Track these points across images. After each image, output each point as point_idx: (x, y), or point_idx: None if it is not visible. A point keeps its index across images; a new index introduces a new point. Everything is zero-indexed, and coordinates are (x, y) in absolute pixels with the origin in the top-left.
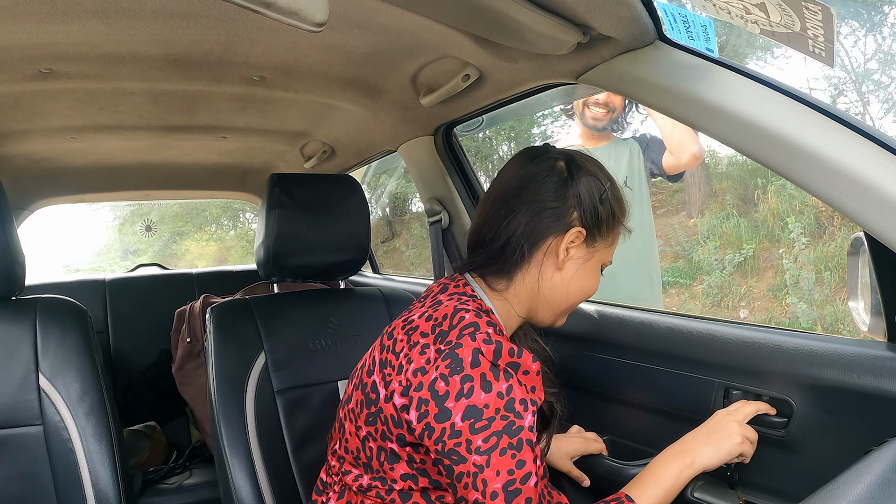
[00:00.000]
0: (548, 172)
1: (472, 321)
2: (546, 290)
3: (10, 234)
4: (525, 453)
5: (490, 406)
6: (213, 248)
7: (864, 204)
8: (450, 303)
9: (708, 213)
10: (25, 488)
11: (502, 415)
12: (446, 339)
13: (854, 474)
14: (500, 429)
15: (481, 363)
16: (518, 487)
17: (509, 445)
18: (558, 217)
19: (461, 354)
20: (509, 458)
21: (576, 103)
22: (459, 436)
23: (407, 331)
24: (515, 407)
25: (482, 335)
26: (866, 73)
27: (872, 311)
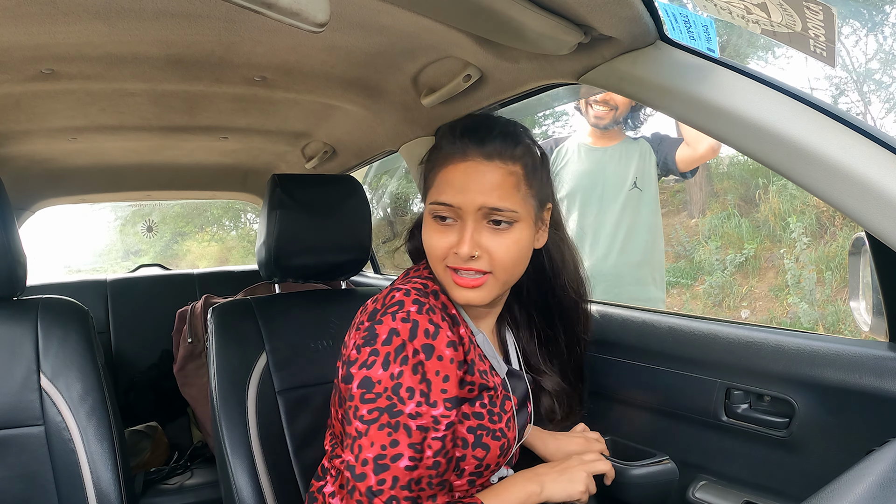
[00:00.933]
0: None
1: (398, 300)
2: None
3: (12, 235)
4: (401, 435)
5: (381, 383)
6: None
7: (866, 204)
8: (395, 283)
9: (709, 213)
10: (27, 488)
11: (388, 395)
12: (376, 316)
13: (855, 474)
14: (383, 406)
15: (392, 342)
16: (387, 463)
17: (388, 423)
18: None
19: (378, 330)
20: (385, 434)
21: (581, 102)
22: (353, 399)
23: (362, 311)
24: (401, 392)
25: (402, 314)
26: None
27: (874, 311)
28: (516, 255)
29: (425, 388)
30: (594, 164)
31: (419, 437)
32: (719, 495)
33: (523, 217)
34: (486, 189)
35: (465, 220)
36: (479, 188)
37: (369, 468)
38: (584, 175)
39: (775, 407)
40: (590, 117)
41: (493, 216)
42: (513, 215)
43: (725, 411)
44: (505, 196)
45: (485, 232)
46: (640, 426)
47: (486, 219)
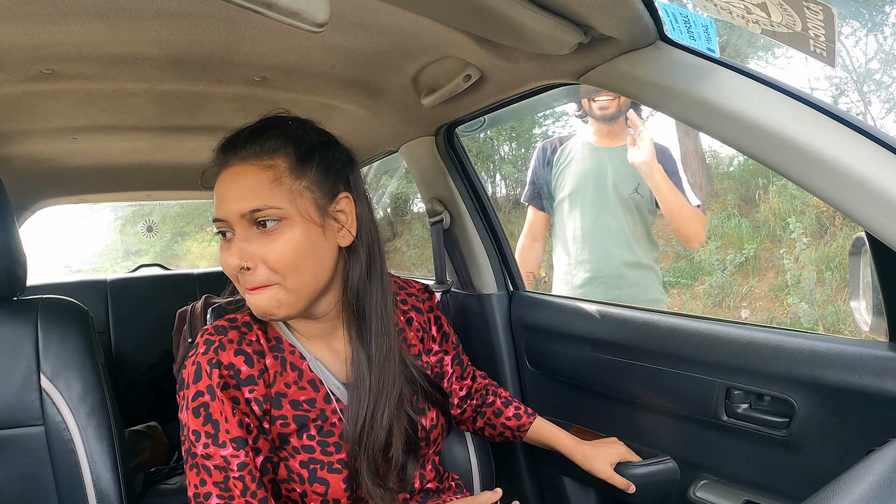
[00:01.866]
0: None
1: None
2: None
3: (12, 235)
4: (204, 475)
5: (186, 425)
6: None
7: (866, 204)
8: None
9: (709, 213)
10: (27, 489)
11: (187, 436)
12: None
13: (856, 474)
14: (187, 447)
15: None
16: (202, 502)
17: (194, 464)
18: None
19: (184, 374)
20: (194, 474)
21: (583, 101)
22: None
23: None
24: (190, 435)
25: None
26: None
27: (874, 310)
28: (294, 256)
29: (211, 430)
30: (598, 164)
31: (220, 476)
32: (720, 495)
33: (292, 213)
34: (243, 193)
35: (235, 230)
36: (236, 194)
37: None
38: (587, 175)
39: (775, 407)
40: (595, 112)
41: (257, 217)
42: (277, 212)
43: (726, 411)
44: (262, 194)
45: (255, 239)
46: (640, 426)
47: (253, 224)
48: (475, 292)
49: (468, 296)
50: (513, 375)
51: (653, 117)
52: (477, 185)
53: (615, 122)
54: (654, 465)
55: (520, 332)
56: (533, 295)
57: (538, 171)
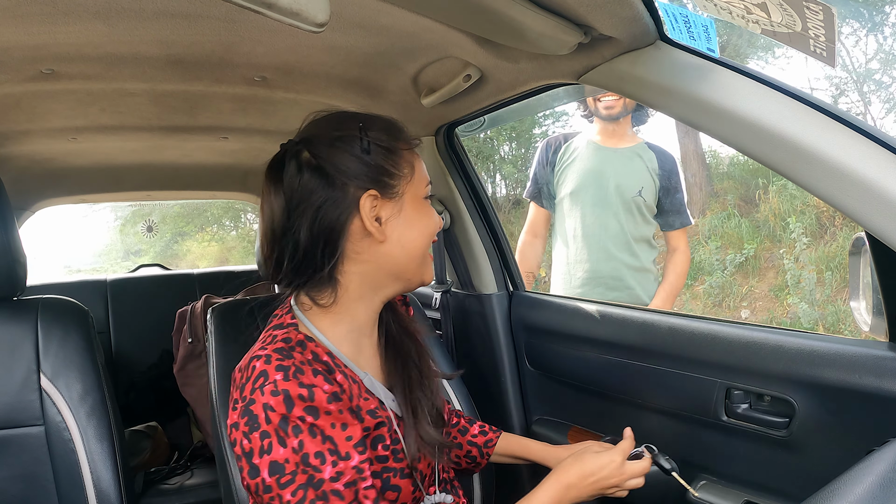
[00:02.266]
0: (296, 172)
1: (261, 370)
2: (384, 267)
3: (12, 235)
4: (334, 501)
5: (290, 461)
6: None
7: (866, 204)
8: (258, 344)
9: (709, 213)
10: (27, 488)
11: (302, 469)
12: (244, 393)
13: (855, 474)
14: (303, 482)
15: (272, 419)
16: None
17: (316, 497)
18: (337, 202)
19: (255, 411)
20: None
21: (589, 101)
22: (271, 490)
23: (235, 375)
24: (311, 461)
25: (270, 386)
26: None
27: (874, 310)
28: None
29: (332, 446)
30: (601, 163)
31: (351, 495)
32: (720, 495)
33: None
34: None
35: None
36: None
37: None
38: (590, 174)
39: (775, 407)
40: (600, 111)
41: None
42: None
43: (726, 411)
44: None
45: None
46: (640, 426)
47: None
48: (475, 292)
49: (468, 296)
50: (513, 375)
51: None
52: (477, 185)
53: (620, 122)
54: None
55: (520, 332)
56: (533, 295)
57: (541, 168)
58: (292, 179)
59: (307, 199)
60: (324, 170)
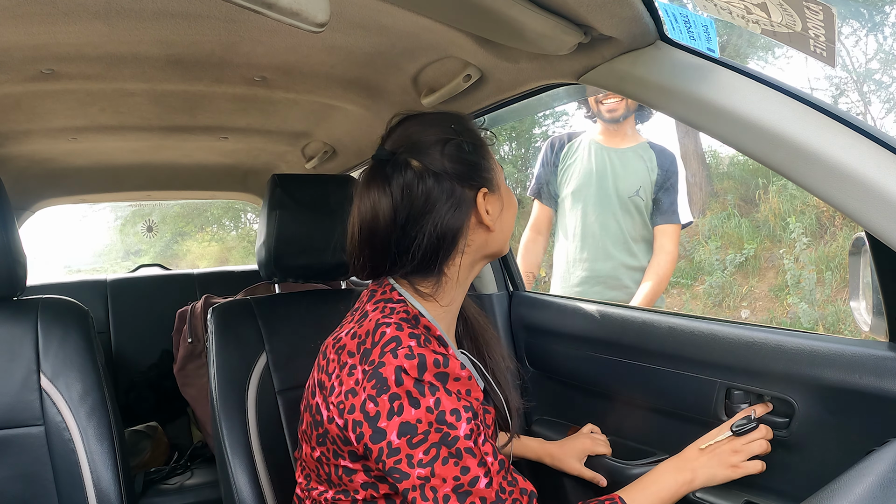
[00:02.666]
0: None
1: (392, 336)
2: (482, 250)
3: (12, 235)
4: (468, 460)
5: (423, 421)
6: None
7: (866, 204)
8: (374, 314)
9: (709, 213)
10: (27, 489)
11: (436, 427)
12: (370, 357)
13: (856, 474)
14: (437, 440)
15: (405, 381)
16: (468, 490)
17: (449, 454)
18: (459, 204)
19: (385, 374)
20: (452, 465)
21: (591, 102)
22: (398, 453)
23: (337, 349)
24: (446, 419)
25: (404, 350)
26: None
27: (874, 311)
28: None
29: (466, 404)
30: (602, 163)
31: (479, 452)
32: (720, 495)
33: None
34: None
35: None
36: None
37: (453, 500)
38: (591, 174)
39: (775, 407)
40: (603, 114)
41: None
42: None
43: (726, 411)
44: None
45: None
46: (640, 426)
47: None
48: (475, 292)
49: (468, 295)
50: (512, 375)
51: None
52: None
53: (623, 123)
54: (653, 464)
55: (520, 332)
56: (533, 295)
57: (544, 167)
58: (410, 186)
59: (428, 204)
60: (441, 177)
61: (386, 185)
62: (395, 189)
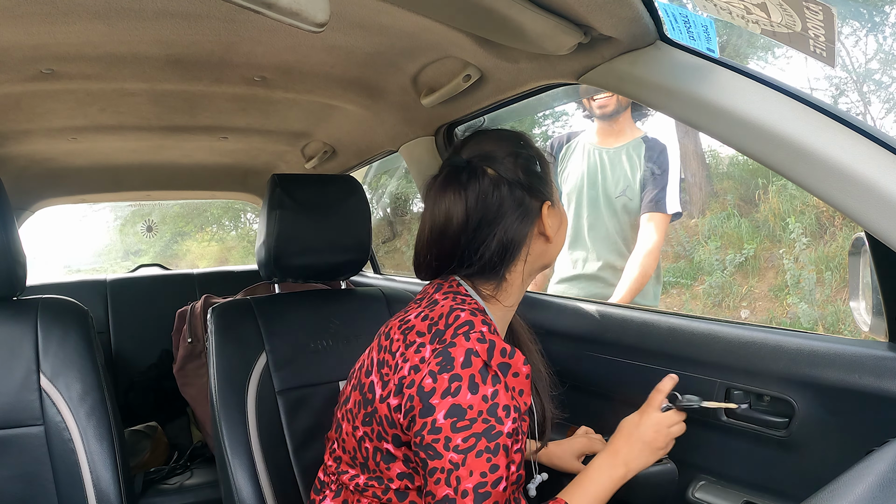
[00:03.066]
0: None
1: (467, 320)
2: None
3: (12, 235)
4: (500, 458)
5: (474, 407)
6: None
7: (866, 204)
8: (445, 302)
9: (709, 214)
10: (26, 488)
11: (484, 418)
12: (442, 337)
13: (855, 474)
14: (480, 431)
15: (473, 363)
16: (488, 490)
17: (486, 449)
18: (526, 213)
19: (453, 353)
20: (484, 461)
21: (584, 101)
22: (439, 432)
23: (403, 330)
24: (498, 412)
25: (476, 334)
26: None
27: (874, 311)
28: None
29: (517, 403)
30: (594, 164)
31: (511, 454)
32: (719, 495)
33: None
34: None
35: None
36: None
37: (470, 499)
38: (584, 175)
39: (775, 407)
40: (595, 111)
41: None
42: None
43: (725, 411)
44: None
45: None
46: None
47: None
48: None
49: None
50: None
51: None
52: None
53: (618, 119)
54: (651, 465)
55: None
56: (533, 295)
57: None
58: (485, 193)
59: (500, 212)
60: (513, 186)
61: (462, 191)
62: (471, 195)
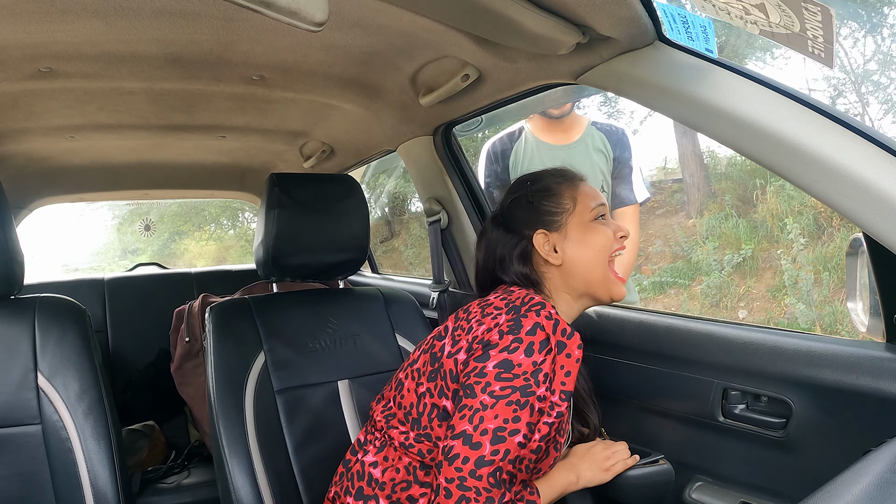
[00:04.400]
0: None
1: (540, 301)
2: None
3: (9, 233)
4: (525, 413)
5: (522, 366)
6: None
7: (863, 205)
8: (521, 291)
9: (707, 214)
10: (24, 488)
11: (526, 377)
12: (519, 312)
13: (853, 475)
14: (518, 385)
15: (537, 334)
16: (505, 437)
17: (517, 401)
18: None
19: (524, 322)
20: (511, 410)
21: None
22: (484, 377)
23: (482, 305)
24: (539, 376)
25: (546, 312)
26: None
27: (871, 311)
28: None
29: (553, 376)
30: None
31: (536, 418)
32: (716, 496)
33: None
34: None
35: (607, 216)
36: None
37: (487, 438)
38: None
39: (772, 407)
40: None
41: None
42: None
43: (722, 412)
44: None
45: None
46: (636, 426)
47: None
48: (473, 292)
49: (466, 295)
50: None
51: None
52: (474, 185)
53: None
54: (649, 465)
55: None
56: None
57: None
58: (491, 232)
59: (501, 243)
60: (505, 224)
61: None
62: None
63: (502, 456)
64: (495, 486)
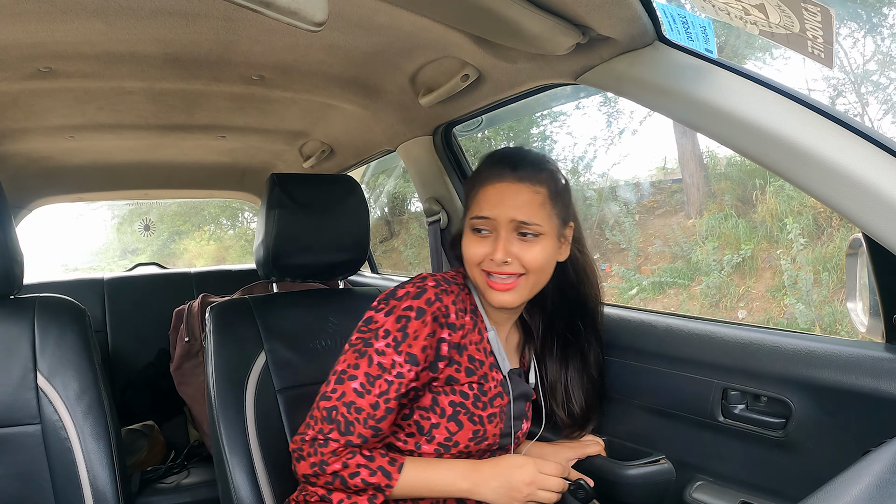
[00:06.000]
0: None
1: (422, 277)
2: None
3: (9, 233)
4: (363, 362)
5: (377, 322)
6: (211, 247)
7: (863, 205)
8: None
9: (706, 214)
10: (23, 487)
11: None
12: (404, 286)
13: (852, 475)
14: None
15: (401, 299)
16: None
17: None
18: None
19: (397, 291)
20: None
21: None
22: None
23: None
24: (380, 332)
25: (419, 283)
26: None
27: (871, 311)
28: (543, 262)
29: (399, 337)
30: None
31: (376, 371)
32: (716, 496)
33: (547, 231)
34: (517, 205)
35: (499, 231)
36: (511, 204)
37: (333, 378)
38: None
39: (772, 407)
40: None
41: (522, 229)
42: (538, 228)
43: (722, 412)
44: (532, 212)
45: (515, 242)
46: (636, 426)
47: (515, 231)
48: None
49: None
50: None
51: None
52: None
53: None
54: (649, 465)
55: None
56: None
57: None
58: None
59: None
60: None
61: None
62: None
63: (339, 395)
64: (325, 421)
